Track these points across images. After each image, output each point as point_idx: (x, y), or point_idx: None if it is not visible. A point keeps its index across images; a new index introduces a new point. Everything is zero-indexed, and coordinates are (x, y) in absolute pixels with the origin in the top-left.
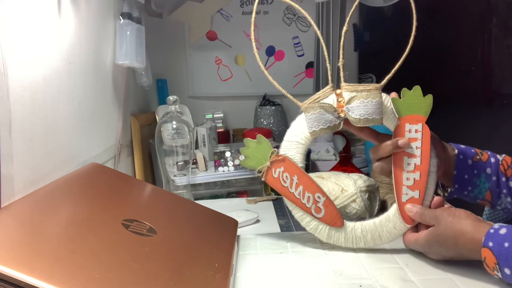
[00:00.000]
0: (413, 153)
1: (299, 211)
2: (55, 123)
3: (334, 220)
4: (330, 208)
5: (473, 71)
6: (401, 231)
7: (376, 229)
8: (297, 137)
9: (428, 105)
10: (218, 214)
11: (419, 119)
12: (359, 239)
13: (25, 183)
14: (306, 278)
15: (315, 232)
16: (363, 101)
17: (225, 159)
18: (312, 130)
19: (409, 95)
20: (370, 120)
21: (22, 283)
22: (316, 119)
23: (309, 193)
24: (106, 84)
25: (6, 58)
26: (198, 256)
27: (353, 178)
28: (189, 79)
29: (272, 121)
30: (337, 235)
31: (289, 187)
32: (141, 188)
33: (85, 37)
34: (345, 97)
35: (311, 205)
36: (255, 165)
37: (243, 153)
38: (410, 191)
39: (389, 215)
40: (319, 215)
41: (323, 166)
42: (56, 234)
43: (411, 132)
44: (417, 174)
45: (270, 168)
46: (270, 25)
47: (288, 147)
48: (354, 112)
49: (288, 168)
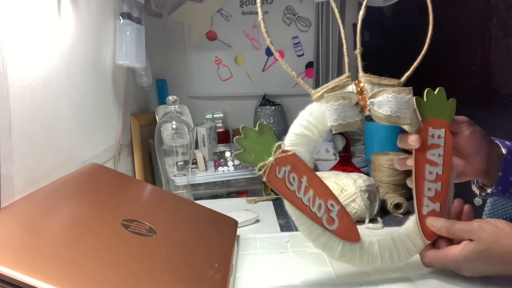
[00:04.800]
0: (436, 161)
1: (306, 222)
2: (55, 123)
3: (350, 233)
4: (345, 219)
5: (473, 71)
6: (419, 248)
7: (395, 246)
8: (307, 130)
9: (452, 110)
10: (218, 214)
11: (442, 124)
12: (376, 258)
13: (25, 183)
14: (306, 278)
15: (324, 248)
16: (395, 96)
17: (225, 159)
18: (338, 122)
19: (433, 97)
20: (401, 118)
21: (22, 283)
22: (345, 109)
23: (321, 200)
24: (106, 84)
25: (6, 58)
26: (198, 256)
27: (353, 177)
28: (189, 79)
29: (272, 121)
30: (351, 252)
31: (296, 191)
32: (141, 188)
33: (85, 37)
34: (368, 89)
35: (322, 215)
36: (254, 160)
37: (239, 144)
38: (431, 203)
39: (408, 230)
40: (332, 227)
41: (323, 166)
42: (56, 234)
43: (434, 137)
44: (438, 184)
45: (274, 166)
46: (270, 25)
47: (295, 141)
48: (382, 108)
49: (297, 167)
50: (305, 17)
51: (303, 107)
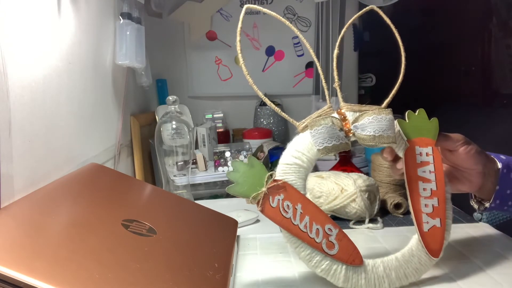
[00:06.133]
0: (428, 178)
1: (306, 249)
2: (55, 123)
3: (352, 256)
4: (345, 242)
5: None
6: (427, 267)
7: (401, 266)
8: (297, 159)
9: (435, 129)
10: (218, 214)
11: (428, 142)
12: (382, 280)
13: (25, 183)
14: (306, 278)
15: (327, 274)
16: (376, 117)
17: (225, 159)
18: (324, 146)
19: (414, 118)
20: (385, 137)
21: (22, 284)
22: (328, 132)
23: (318, 225)
24: (106, 84)
25: (6, 58)
26: (198, 256)
27: (353, 177)
28: (189, 79)
29: (272, 121)
30: (355, 276)
31: (292, 219)
32: (141, 188)
33: (85, 37)
34: (349, 116)
35: (321, 239)
36: (247, 191)
37: (231, 178)
38: (430, 219)
39: (411, 248)
40: (332, 252)
41: (323, 166)
42: (56, 234)
43: (422, 155)
44: (435, 200)
45: (268, 196)
46: (270, 25)
47: (286, 171)
48: (366, 130)
49: (290, 195)
50: (305, 17)
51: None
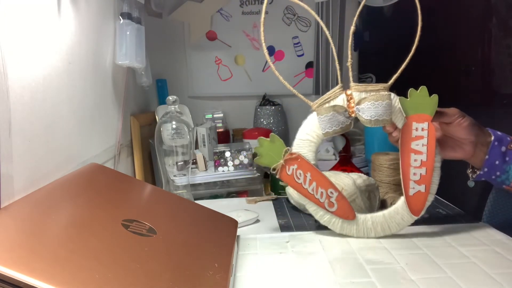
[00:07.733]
0: (420, 150)
1: (313, 205)
2: (55, 123)
3: (347, 213)
4: (343, 203)
5: (473, 71)
6: (408, 222)
7: (386, 221)
8: (309, 135)
9: (434, 105)
10: (218, 214)
11: (425, 118)
12: (370, 230)
13: (25, 183)
14: (306, 278)
15: (328, 224)
16: (373, 103)
17: (225, 159)
18: (326, 131)
19: (416, 95)
20: (380, 121)
21: (22, 284)
22: (329, 121)
23: (322, 189)
24: (106, 84)
25: (6, 58)
26: (198, 256)
27: (353, 177)
28: (189, 79)
29: (271, 121)
30: (349, 227)
31: (302, 184)
32: (141, 188)
33: (85, 37)
34: (355, 97)
35: (324, 200)
36: (269, 163)
37: (257, 152)
38: (416, 185)
39: (397, 208)
40: (332, 209)
41: (323, 166)
42: (56, 234)
43: (418, 130)
44: (423, 169)
45: (284, 166)
46: (270, 25)
47: (300, 145)
48: (365, 113)
49: (302, 165)
50: (305, 17)
51: (303, 107)
